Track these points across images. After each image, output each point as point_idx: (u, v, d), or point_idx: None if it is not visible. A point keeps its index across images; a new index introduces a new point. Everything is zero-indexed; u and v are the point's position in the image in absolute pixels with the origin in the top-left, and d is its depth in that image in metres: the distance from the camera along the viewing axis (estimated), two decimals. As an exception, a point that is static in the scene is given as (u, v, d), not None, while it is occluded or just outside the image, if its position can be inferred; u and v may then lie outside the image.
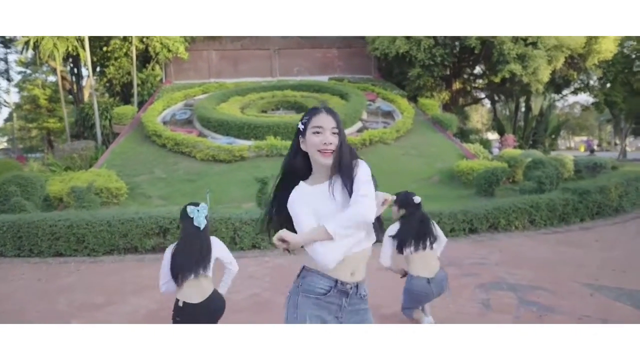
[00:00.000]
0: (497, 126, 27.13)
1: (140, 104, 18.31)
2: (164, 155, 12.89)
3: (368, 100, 17.04)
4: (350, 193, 1.60)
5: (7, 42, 22.85)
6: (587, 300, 3.98)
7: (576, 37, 15.10)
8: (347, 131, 13.99)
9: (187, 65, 20.65)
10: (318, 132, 1.63)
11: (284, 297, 3.90)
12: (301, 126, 1.69)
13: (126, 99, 20.00)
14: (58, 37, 17.63)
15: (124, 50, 19.21)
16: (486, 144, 18.55)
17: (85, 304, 4.54)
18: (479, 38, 15.01)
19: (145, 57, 19.97)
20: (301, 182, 1.70)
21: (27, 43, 18.02)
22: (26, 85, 44.29)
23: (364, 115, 15.61)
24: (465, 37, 15.32)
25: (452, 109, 19.64)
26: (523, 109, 24.15)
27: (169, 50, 19.25)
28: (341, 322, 1.69)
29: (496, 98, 25.52)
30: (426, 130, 14.85)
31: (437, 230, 3.44)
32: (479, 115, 44.44)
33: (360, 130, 14.20)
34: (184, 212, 2.75)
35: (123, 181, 10.60)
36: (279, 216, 1.76)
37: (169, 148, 13.12)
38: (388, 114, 16.20)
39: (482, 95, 25.51)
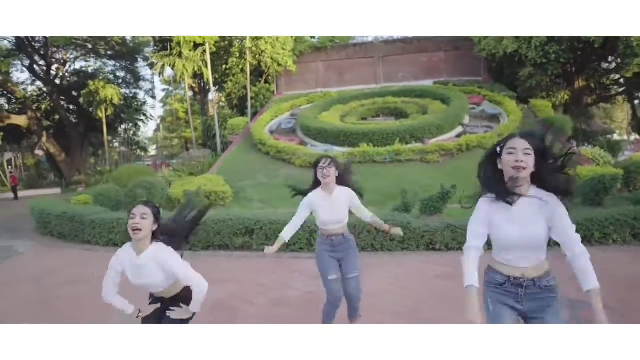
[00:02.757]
0: (638, 126, 23.80)
1: (254, 115, 19.99)
2: (267, 162, 13.99)
3: (473, 103, 16.39)
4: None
5: (151, 65, 26.65)
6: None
7: None
8: (445, 136, 13.70)
9: (296, 77, 21.96)
10: (511, 153, 1.95)
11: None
12: (498, 149, 2.03)
13: (243, 111, 21.98)
14: (186, 59, 20.17)
15: (240, 66, 21.18)
16: (614, 146, 16.46)
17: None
18: (597, 30, 13.48)
19: (259, 72, 21.76)
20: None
21: (163, 66, 20.96)
22: (168, 101, 51.02)
23: (466, 120, 15.05)
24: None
25: (572, 109, 17.81)
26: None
27: (279, 64, 20.71)
28: (523, 306, 2.04)
29: (637, 94, 22.39)
30: (534, 134, 13.76)
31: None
32: (626, 114, 39.11)
33: (459, 136, 13.75)
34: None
35: (229, 185, 11.79)
36: None
37: (272, 155, 14.22)
38: (493, 118, 15.38)
39: (617, 91, 22.56)
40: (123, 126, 37.39)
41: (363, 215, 3.50)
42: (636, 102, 24.28)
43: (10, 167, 37.99)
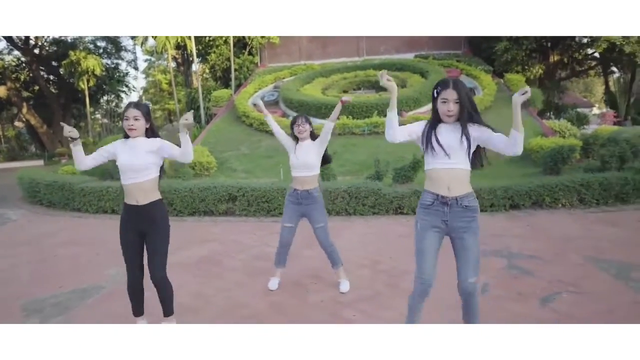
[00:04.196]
0: (609, 100, 24.69)
1: (238, 87, 20.18)
2: (250, 133, 14.40)
3: (450, 77, 16.89)
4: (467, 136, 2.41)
5: (132, 35, 26.34)
6: (572, 269, 4.25)
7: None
8: (423, 109, 14.24)
9: (280, 50, 22.10)
10: (444, 102, 2.41)
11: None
12: (435, 94, 2.47)
13: (227, 83, 22.11)
14: (168, 30, 20.10)
15: (224, 38, 21.18)
16: (583, 119, 17.23)
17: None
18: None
19: (242, 44, 21.81)
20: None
21: (145, 37, 20.88)
22: (151, 72, 50.27)
23: (443, 93, 15.56)
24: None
25: (546, 83, 18.46)
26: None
27: (262, 36, 20.79)
28: (448, 224, 2.46)
29: (614, 69, 23.15)
30: (507, 107, 14.35)
31: None
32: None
33: (435, 108, 14.27)
34: None
35: (214, 156, 12.21)
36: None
37: (254, 127, 14.62)
38: (469, 91, 15.90)
39: (590, 65, 23.26)
40: (105, 97, 37.03)
41: (327, 126, 3.92)
42: (615, 76, 25.10)
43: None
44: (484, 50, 19.20)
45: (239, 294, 4.06)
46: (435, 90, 2.48)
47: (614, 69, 22.94)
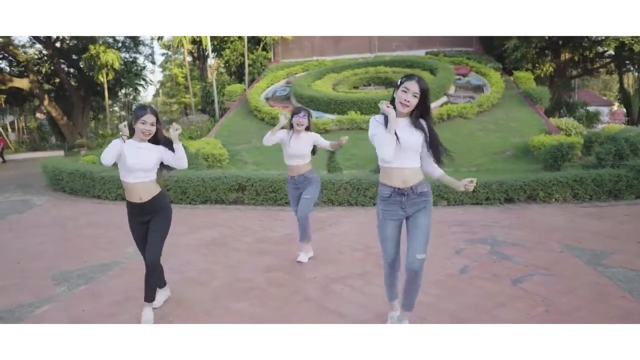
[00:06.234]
0: (623, 98, 24.55)
1: (252, 82, 20.62)
2: (262, 127, 14.83)
3: (459, 74, 17.08)
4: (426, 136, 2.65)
5: (150, 30, 26.88)
6: (549, 255, 4.60)
7: None
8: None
9: (293, 45, 22.45)
10: (404, 91, 2.58)
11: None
12: (398, 82, 2.64)
13: (241, 78, 22.58)
14: (185, 26, 20.65)
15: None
16: (593, 117, 17.32)
17: (173, 232, 6.36)
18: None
19: (256, 40, 22.25)
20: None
21: (162, 32, 21.47)
22: (167, 66, 51.05)
23: (451, 90, 15.79)
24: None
25: (556, 81, 18.52)
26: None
27: (276, 32, 21.18)
28: (406, 210, 2.70)
29: (626, 67, 22.98)
30: (514, 105, 14.58)
31: None
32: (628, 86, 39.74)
33: (443, 105, 14.54)
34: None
35: (226, 149, 12.69)
36: None
37: (266, 121, 15.06)
38: (478, 88, 16.11)
39: (602, 63, 23.12)
40: (123, 91, 37.83)
41: (324, 144, 4.46)
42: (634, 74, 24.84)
43: (5, 130, 38.53)
44: (496, 47, 19.31)
45: (242, 270, 4.51)
46: (399, 80, 2.66)
47: (630, 67, 22.78)
